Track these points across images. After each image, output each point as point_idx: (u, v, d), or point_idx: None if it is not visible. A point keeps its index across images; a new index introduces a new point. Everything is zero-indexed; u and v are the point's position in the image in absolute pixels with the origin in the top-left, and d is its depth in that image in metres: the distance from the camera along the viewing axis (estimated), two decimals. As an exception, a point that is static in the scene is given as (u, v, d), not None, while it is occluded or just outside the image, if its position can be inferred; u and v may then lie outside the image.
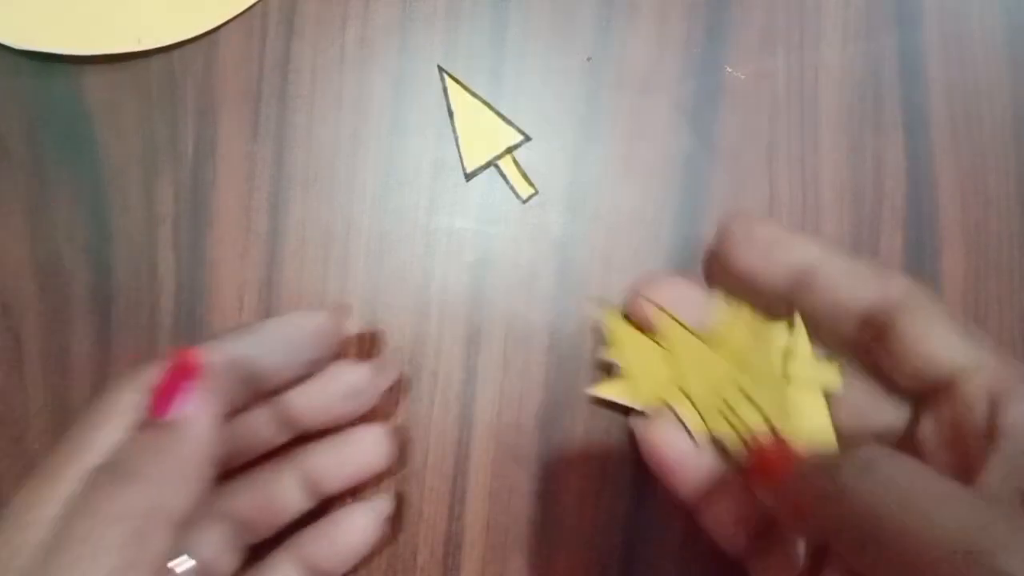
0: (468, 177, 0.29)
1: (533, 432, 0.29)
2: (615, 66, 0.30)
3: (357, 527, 0.26)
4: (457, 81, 0.29)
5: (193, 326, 0.29)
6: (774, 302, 0.24)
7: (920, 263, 0.29)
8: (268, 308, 0.29)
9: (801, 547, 0.23)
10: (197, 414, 0.20)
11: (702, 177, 0.29)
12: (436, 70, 0.30)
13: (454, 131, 0.29)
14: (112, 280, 0.29)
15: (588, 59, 0.30)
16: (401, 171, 0.29)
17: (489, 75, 0.30)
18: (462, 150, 0.29)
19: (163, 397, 0.20)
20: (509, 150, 0.29)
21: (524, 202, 0.29)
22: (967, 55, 0.30)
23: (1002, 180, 0.30)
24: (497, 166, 0.29)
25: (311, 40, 0.30)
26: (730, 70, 0.30)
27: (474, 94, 0.29)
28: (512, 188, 0.29)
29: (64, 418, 0.29)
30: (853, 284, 0.23)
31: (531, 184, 0.29)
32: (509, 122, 0.29)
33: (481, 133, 0.29)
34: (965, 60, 0.30)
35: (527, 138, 0.29)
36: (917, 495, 0.17)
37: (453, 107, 0.29)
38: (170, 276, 0.29)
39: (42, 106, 0.30)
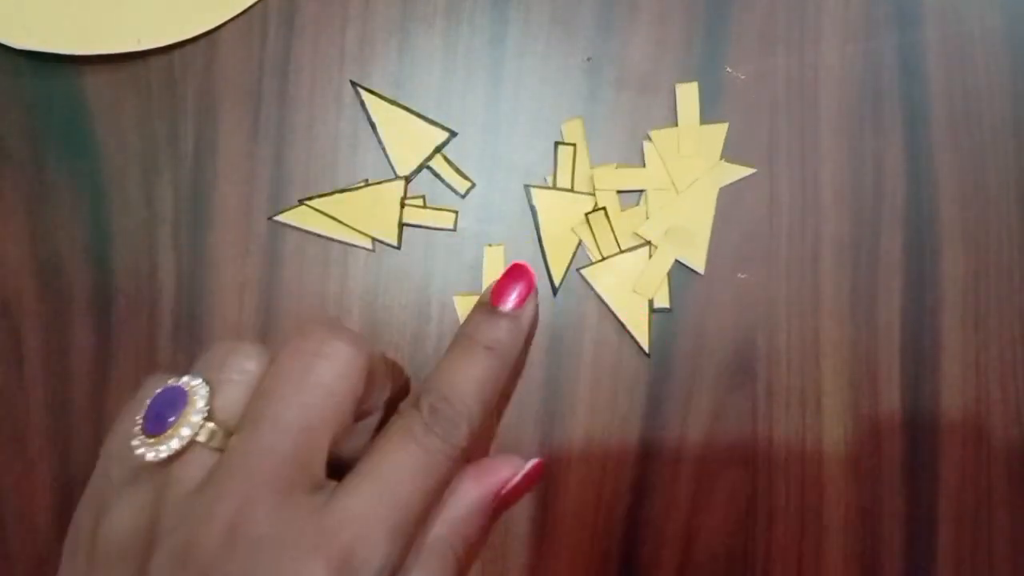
0: (407, 181, 0.29)
1: (533, 432, 0.29)
2: (615, 66, 0.30)
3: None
4: (373, 92, 0.29)
5: (193, 326, 0.29)
6: None
7: (920, 263, 0.29)
8: (268, 308, 0.29)
9: None
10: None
11: (702, 177, 0.29)
12: (438, 69, 0.30)
13: (380, 143, 0.29)
14: (112, 280, 0.29)
15: (588, 59, 0.30)
16: (401, 171, 0.30)
17: (489, 75, 0.30)
18: (392, 159, 0.29)
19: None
20: (438, 149, 0.29)
21: (463, 196, 0.29)
22: (967, 55, 0.30)
23: (1002, 180, 0.30)
24: (430, 167, 0.29)
25: (311, 40, 0.30)
26: (730, 70, 0.30)
27: (392, 102, 0.29)
28: (449, 185, 0.29)
29: (64, 418, 0.29)
30: None
31: (467, 178, 0.29)
32: (432, 122, 0.29)
33: (407, 138, 0.29)
34: (965, 60, 0.30)
35: (453, 134, 0.29)
36: None
37: (374, 119, 0.29)
38: (170, 276, 0.29)
39: (42, 106, 0.30)
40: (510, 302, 0.25)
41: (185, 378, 0.21)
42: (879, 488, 0.29)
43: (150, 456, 0.20)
